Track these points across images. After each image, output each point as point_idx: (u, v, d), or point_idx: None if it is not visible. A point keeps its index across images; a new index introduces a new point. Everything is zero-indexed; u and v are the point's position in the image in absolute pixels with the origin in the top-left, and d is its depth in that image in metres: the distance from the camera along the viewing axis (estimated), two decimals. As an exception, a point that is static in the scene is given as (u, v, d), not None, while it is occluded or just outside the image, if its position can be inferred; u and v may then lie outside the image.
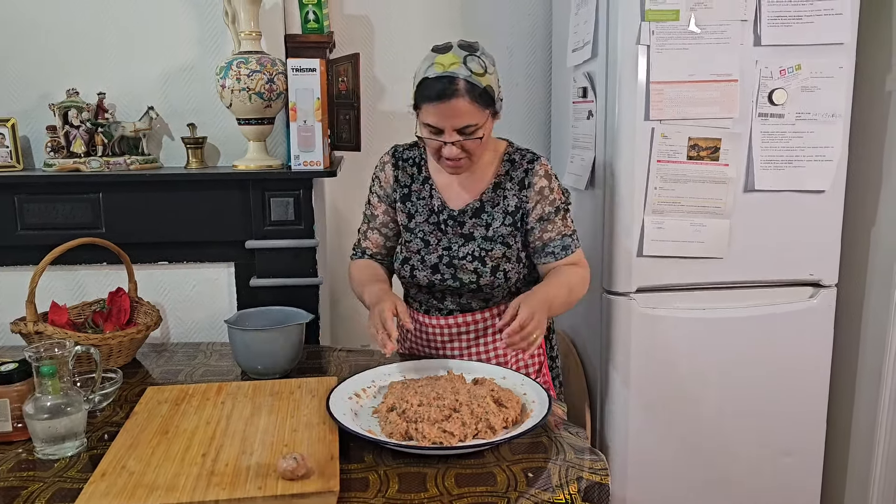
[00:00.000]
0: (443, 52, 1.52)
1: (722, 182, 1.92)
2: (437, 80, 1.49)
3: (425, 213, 1.69)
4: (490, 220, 1.65)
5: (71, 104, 2.01)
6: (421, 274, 1.67)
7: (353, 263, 1.80)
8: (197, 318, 2.16)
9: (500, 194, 1.66)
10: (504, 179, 1.66)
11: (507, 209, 1.65)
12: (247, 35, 2.00)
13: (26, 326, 1.64)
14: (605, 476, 1.20)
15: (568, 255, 1.67)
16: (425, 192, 1.70)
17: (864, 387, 2.17)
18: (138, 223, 2.03)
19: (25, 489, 1.16)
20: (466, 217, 1.67)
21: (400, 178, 1.72)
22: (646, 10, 1.84)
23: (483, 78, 1.50)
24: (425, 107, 1.52)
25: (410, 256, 1.69)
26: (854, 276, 2.17)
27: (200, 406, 1.42)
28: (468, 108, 1.49)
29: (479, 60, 1.51)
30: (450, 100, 1.48)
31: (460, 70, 1.48)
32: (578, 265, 1.68)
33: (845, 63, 1.91)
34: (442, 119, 1.50)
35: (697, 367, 2.03)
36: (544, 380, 1.78)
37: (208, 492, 1.10)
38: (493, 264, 1.64)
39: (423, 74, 1.52)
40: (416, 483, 1.16)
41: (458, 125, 1.51)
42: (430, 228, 1.69)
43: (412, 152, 1.74)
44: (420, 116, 1.56)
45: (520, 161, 1.67)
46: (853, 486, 2.24)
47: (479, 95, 1.50)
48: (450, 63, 1.49)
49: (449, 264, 1.65)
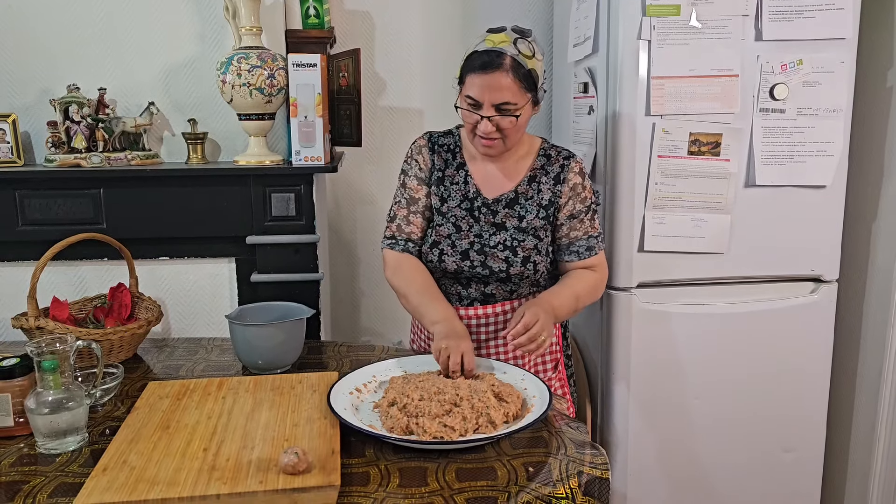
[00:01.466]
0: (496, 32, 1.57)
1: (723, 177, 1.92)
2: (484, 53, 1.54)
3: (458, 198, 1.70)
4: (524, 212, 1.67)
5: (72, 100, 2.01)
6: (450, 259, 1.67)
7: (402, 259, 1.70)
8: (198, 314, 2.16)
9: (535, 188, 1.67)
10: (539, 173, 1.68)
11: (541, 202, 1.66)
12: (247, 30, 2.00)
13: (28, 322, 1.65)
14: (605, 471, 1.21)
15: (591, 257, 1.69)
16: (459, 177, 1.71)
17: (865, 383, 2.17)
18: (139, 218, 2.03)
19: (27, 483, 1.17)
20: (500, 207, 1.67)
21: (436, 162, 1.73)
22: (647, 5, 1.84)
23: (530, 60, 1.55)
24: (469, 78, 1.56)
25: (440, 240, 1.69)
26: (855, 272, 2.17)
27: (201, 401, 1.42)
28: (510, 84, 1.53)
29: (528, 44, 1.56)
30: (494, 71, 1.52)
31: (509, 48, 1.53)
32: (596, 269, 1.70)
33: (847, 58, 1.90)
34: (483, 91, 1.54)
35: (698, 362, 2.03)
36: (559, 377, 1.79)
37: (209, 486, 1.10)
38: (525, 255, 1.65)
39: (472, 49, 1.57)
40: (417, 477, 1.17)
41: (497, 100, 1.54)
42: (462, 214, 1.69)
43: (447, 139, 1.75)
44: (463, 89, 1.59)
45: (556, 157, 1.69)
46: (853, 482, 2.24)
47: (522, 76, 1.54)
48: (500, 41, 1.54)
49: (480, 251, 1.66)
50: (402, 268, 1.69)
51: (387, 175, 2.57)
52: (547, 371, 1.75)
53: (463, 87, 1.59)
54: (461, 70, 1.60)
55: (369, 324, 2.69)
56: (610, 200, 1.99)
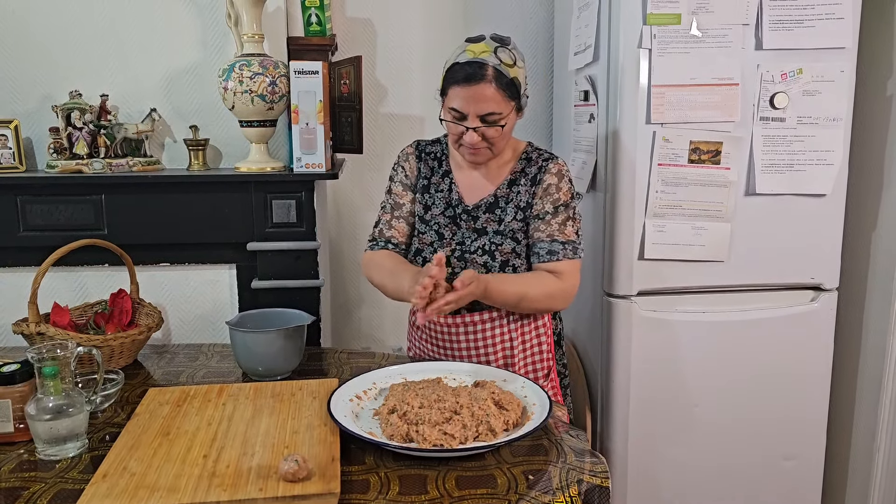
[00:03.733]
0: (475, 42, 1.56)
1: (723, 185, 1.93)
2: (466, 65, 1.54)
3: (442, 205, 1.71)
4: (503, 216, 1.66)
5: (74, 106, 2.02)
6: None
7: (376, 253, 1.73)
8: (198, 320, 2.16)
9: (515, 190, 1.67)
10: (519, 176, 1.68)
11: (519, 204, 1.66)
12: (249, 37, 2.01)
13: (28, 327, 1.65)
14: (605, 479, 1.20)
15: (553, 262, 1.63)
16: (444, 185, 1.71)
17: (865, 390, 2.17)
18: (140, 225, 2.04)
19: (27, 490, 1.16)
20: (480, 212, 1.68)
21: (422, 170, 1.74)
22: (647, 13, 1.84)
23: (512, 69, 1.54)
24: (452, 90, 1.56)
25: (423, 248, 1.70)
26: (855, 280, 2.18)
27: (202, 407, 1.42)
28: (494, 94, 1.53)
29: (509, 52, 1.56)
30: (478, 83, 1.52)
31: (490, 58, 1.53)
32: (562, 277, 1.62)
33: (846, 67, 1.91)
34: (467, 103, 1.54)
35: (698, 370, 2.03)
36: (552, 385, 1.78)
37: (209, 493, 1.10)
38: (503, 259, 1.65)
39: (453, 60, 1.57)
40: (417, 485, 1.17)
41: (482, 111, 1.54)
42: (445, 222, 1.70)
43: (434, 147, 1.77)
44: (446, 101, 1.59)
45: (536, 159, 1.68)
46: (854, 490, 2.24)
47: (505, 85, 1.53)
48: (480, 51, 1.54)
49: (460, 258, 1.66)
50: (373, 261, 1.72)
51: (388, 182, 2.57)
52: (539, 379, 1.75)
53: (446, 98, 1.59)
54: (443, 81, 1.59)
55: (369, 331, 2.69)
56: (610, 208, 1.99)
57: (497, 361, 1.69)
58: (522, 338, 1.71)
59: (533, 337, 1.73)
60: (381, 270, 1.68)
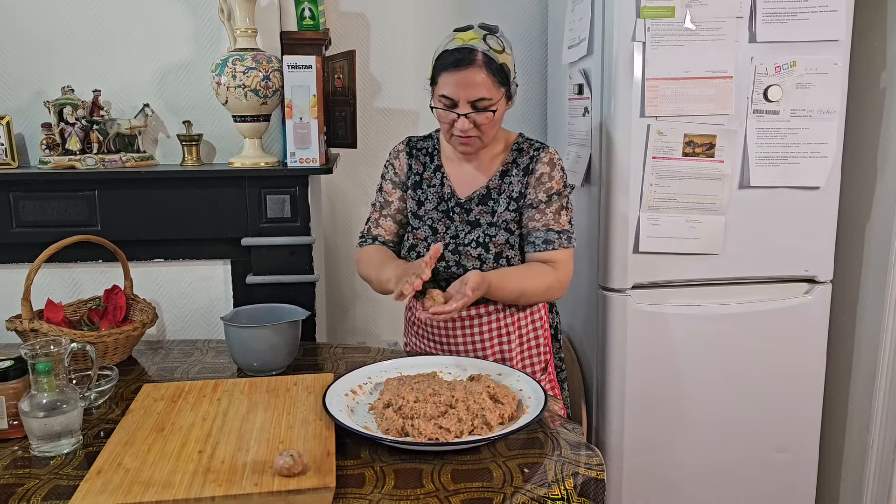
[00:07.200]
0: (464, 31, 1.58)
1: (717, 178, 1.93)
2: (456, 51, 1.55)
3: (434, 200, 1.71)
4: (495, 207, 1.67)
5: (66, 101, 2.01)
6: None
7: (363, 249, 1.77)
8: (193, 316, 2.16)
9: (507, 181, 1.67)
10: (511, 167, 1.68)
11: (512, 195, 1.66)
12: (242, 32, 2.00)
13: (22, 324, 1.64)
14: (600, 471, 1.21)
15: (548, 251, 1.63)
16: (436, 180, 1.72)
17: (859, 383, 2.18)
18: (134, 220, 2.03)
19: (21, 486, 1.16)
20: (473, 204, 1.68)
21: (413, 167, 1.75)
22: (641, 6, 1.84)
23: (501, 55, 1.56)
24: (442, 77, 1.56)
25: (417, 243, 1.70)
26: (849, 273, 2.18)
27: (196, 403, 1.42)
28: (484, 79, 1.54)
29: (498, 40, 1.57)
30: (467, 68, 1.53)
31: (479, 44, 1.54)
32: (556, 267, 1.63)
33: (840, 60, 1.91)
34: (458, 89, 1.54)
35: (692, 362, 2.04)
36: (549, 378, 1.79)
37: (204, 488, 1.10)
38: (497, 251, 1.65)
39: (442, 48, 1.58)
40: (413, 479, 1.17)
41: (472, 96, 1.54)
42: (438, 216, 1.70)
43: (426, 143, 1.77)
44: (436, 89, 1.59)
45: (527, 149, 1.69)
46: (848, 482, 2.25)
47: (495, 70, 1.55)
48: (469, 38, 1.55)
49: (454, 251, 1.66)
50: (361, 256, 1.76)
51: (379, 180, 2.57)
52: (536, 373, 1.75)
53: (436, 87, 1.60)
54: (433, 70, 1.60)
55: (365, 325, 2.69)
56: (605, 202, 2.00)
57: (494, 356, 1.69)
58: (519, 332, 1.71)
59: (530, 331, 1.73)
60: (369, 265, 1.71)
